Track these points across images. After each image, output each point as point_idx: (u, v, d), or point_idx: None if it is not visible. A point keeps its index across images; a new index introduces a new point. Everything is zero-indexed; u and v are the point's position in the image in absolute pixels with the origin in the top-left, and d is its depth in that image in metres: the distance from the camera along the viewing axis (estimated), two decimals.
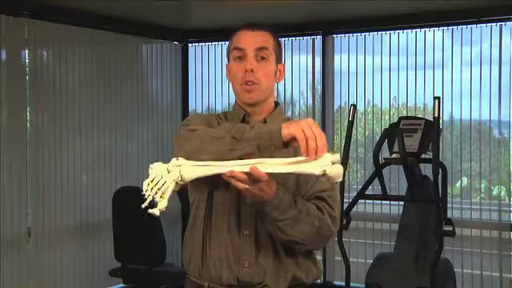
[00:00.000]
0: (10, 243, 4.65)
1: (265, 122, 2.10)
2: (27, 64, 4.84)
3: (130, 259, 4.82)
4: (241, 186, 1.82)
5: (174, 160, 1.80)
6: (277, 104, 2.19)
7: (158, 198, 1.76)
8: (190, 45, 6.28)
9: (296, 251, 2.07)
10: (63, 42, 5.09)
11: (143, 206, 1.76)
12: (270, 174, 1.82)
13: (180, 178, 1.78)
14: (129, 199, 4.55)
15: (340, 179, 1.84)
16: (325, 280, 5.53)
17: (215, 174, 1.80)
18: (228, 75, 2.16)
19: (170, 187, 1.77)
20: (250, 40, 2.09)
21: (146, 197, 1.76)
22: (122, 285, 5.13)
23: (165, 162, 1.85)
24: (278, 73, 2.15)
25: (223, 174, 1.80)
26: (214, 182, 1.97)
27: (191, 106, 6.30)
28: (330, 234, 2.05)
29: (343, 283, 4.46)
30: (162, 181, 1.76)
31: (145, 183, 1.77)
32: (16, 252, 4.71)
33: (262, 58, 2.08)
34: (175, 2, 4.85)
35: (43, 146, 4.92)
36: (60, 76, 5.06)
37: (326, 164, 1.79)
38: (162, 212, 1.77)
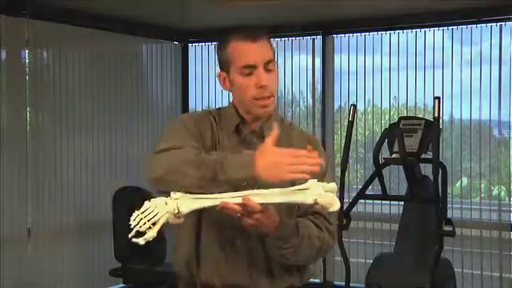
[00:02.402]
0: (10, 243, 4.65)
1: (261, 129, 2.05)
2: (27, 64, 4.85)
3: (130, 259, 4.82)
4: (235, 215, 1.82)
5: (172, 194, 1.82)
6: None
7: (145, 229, 1.78)
8: (190, 45, 6.28)
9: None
10: (63, 42, 5.09)
11: (130, 235, 1.78)
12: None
13: (177, 211, 1.80)
14: (129, 199, 4.54)
15: (333, 208, 1.85)
16: (325, 280, 5.53)
17: (211, 207, 1.83)
18: (226, 86, 2.09)
19: (162, 219, 1.79)
20: (258, 54, 2.01)
21: (132, 227, 1.78)
22: (121, 285, 5.12)
23: None
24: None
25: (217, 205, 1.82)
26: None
27: (191, 106, 6.30)
28: (329, 248, 2.06)
29: (343, 283, 4.46)
30: (153, 212, 1.78)
31: (134, 214, 1.79)
32: (16, 252, 4.71)
33: (270, 70, 2.02)
34: (175, 2, 4.85)
35: (43, 146, 4.92)
36: (60, 76, 5.06)
37: (319, 193, 1.81)
38: (147, 241, 1.79)
